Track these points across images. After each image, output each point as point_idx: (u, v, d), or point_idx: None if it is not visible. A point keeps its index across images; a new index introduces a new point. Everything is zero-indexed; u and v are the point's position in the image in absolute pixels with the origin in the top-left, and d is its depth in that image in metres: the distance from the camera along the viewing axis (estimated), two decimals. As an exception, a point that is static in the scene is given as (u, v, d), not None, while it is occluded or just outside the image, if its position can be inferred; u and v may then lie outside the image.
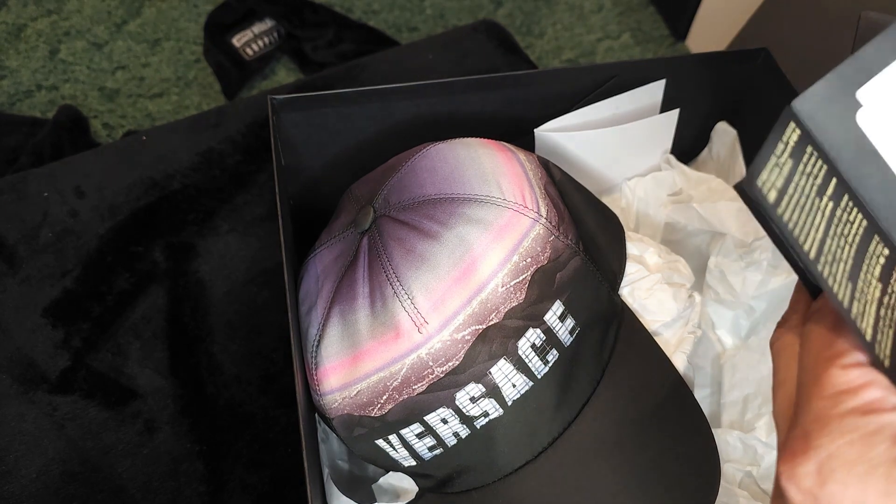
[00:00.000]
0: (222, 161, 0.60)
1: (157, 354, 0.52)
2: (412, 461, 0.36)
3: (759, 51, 0.49)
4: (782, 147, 0.21)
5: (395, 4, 1.21)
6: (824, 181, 0.21)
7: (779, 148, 0.20)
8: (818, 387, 0.21)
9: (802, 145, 0.21)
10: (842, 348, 0.21)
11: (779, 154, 0.20)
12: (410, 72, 0.66)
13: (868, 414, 0.20)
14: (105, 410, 0.49)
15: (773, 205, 0.20)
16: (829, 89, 0.22)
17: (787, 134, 0.21)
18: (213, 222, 0.57)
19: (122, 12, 1.16)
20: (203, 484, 0.47)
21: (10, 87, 1.07)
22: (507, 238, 0.34)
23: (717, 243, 0.47)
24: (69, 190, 0.57)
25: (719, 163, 0.55)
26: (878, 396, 0.20)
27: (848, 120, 0.22)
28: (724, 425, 0.45)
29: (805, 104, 0.21)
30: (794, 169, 0.21)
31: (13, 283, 0.53)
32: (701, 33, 1.19)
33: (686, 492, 0.35)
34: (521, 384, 0.34)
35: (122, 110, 1.07)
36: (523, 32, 1.21)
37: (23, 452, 0.47)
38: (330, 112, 0.45)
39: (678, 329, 0.40)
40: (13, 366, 0.50)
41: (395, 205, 0.36)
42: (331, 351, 0.35)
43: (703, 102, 0.52)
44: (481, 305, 0.33)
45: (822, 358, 0.21)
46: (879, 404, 0.20)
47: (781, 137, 0.21)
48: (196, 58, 1.12)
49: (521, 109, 0.48)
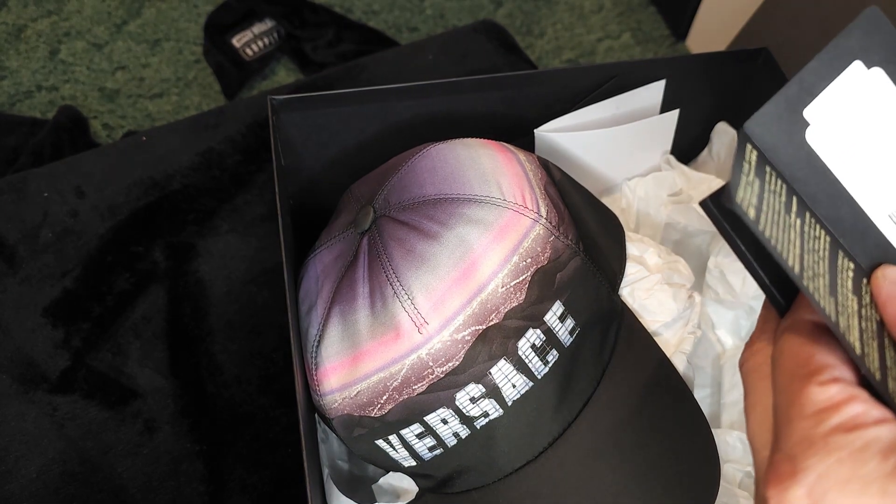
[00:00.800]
0: (222, 161, 0.60)
1: (157, 354, 0.52)
2: (412, 461, 0.36)
3: (759, 51, 0.49)
4: (747, 167, 0.21)
5: (395, 4, 1.21)
6: (787, 199, 0.21)
7: (745, 167, 0.20)
8: (797, 406, 0.20)
9: (762, 165, 0.21)
10: (817, 365, 0.20)
11: (746, 173, 0.20)
12: (410, 72, 0.66)
13: (853, 430, 0.19)
14: (105, 410, 0.49)
15: (754, 221, 0.20)
16: (776, 110, 0.22)
17: (747, 154, 0.21)
18: (213, 222, 0.57)
19: (122, 12, 1.16)
20: (203, 484, 0.47)
21: (10, 87, 1.07)
22: (508, 238, 0.34)
23: (717, 243, 0.47)
24: (69, 190, 0.57)
25: (719, 163, 0.55)
26: (861, 411, 0.19)
27: (797, 139, 0.22)
28: (724, 425, 0.45)
29: (755, 126, 0.22)
30: (762, 187, 0.21)
31: (13, 283, 0.53)
32: (701, 33, 1.19)
33: (686, 492, 0.35)
34: (521, 384, 0.34)
35: (122, 111, 1.07)
36: (523, 32, 1.21)
37: (23, 452, 0.47)
38: (330, 112, 0.45)
39: (678, 329, 0.40)
40: (13, 366, 0.50)
41: (395, 205, 0.36)
42: (331, 351, 0.35)
43: (703, 102, 0.52)
44: (481, 306, 0.33)
45: (798, 376, 0.21)
46: (863, 419, 0.19)
47: (744, 157, 0.21)
48: (196, 58, 1.12)
49: (521, 109, 0.48)
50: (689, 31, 1.21)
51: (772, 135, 0.22)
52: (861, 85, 0.22)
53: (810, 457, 0.19)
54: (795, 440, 0.20)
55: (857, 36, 0.22)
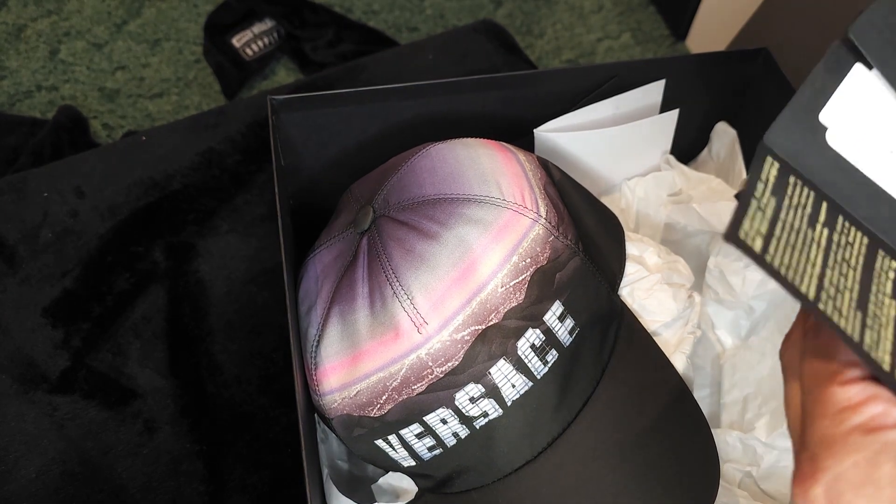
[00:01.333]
0: (222, 161, 0.60)
1: (157, 354, 0.52)
2: (411, 461, 0.36)
3: (759, 51, 0.49)
4: (762, 187, 0.20)
5: (395, 4, 1.21)
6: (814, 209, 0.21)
7: (758, 189, 0.20)
8: (820, 406, 0.20)
9: (784, 178, 0.21)
10: (839, 364, 0.21)
11: (759, 195, 0.20)
12: (410, 72, 0.66)
13: (872, 432, 0.19)
14: (105, 410, 0.49)
15: (759, 254, 0.19)
16: (793, 118, 0.22)
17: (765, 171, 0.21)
18: (213, 222, 0.57)
19: (122, 12, 1.16)
20: (203, 484, 0.47)
21: (10, 87, 1.07)
22: (507, 238, 0.34)
23: (716, 243, 0.47)
24: (69, 190, 0.57)
25: (719, 163, 0.55)
26: (881, 411, 0.19)
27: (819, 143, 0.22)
28: (723, 425, 0.45)
29: (775, 136, 0.22)
30: (778, 206, 0.20)
31: (13, 283, 0.53)
32: (701, 33, 1.19)
33: (686, 492, 0.35)
34: (520, 384, 0.34)
35: (122, 110, 1.07)
36: (523, 32, 1.21)
37: (23, 452, 0.47)
38: (330, 112, 0.45)
39: (678, 329, 0.40)
40: (13, 366, 0.50)
41: (395, 205, 0.36)
42: (330, 351, 0.35)
43: (703, 102, 0.52)
44: (481, 306, 0.33)
45: (821, 376, 0.21)
46: (882, 420, 0.19)
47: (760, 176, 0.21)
48: (196, 58, 1.12)
49: (521, 109, 0.48)
50: (688, 31, 1.21)
51: (794, 142, 0.22)
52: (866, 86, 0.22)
53: (829, 457, 0.20)
54: (817, 439, 0.20)
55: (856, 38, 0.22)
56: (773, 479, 0.42)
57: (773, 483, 0.42)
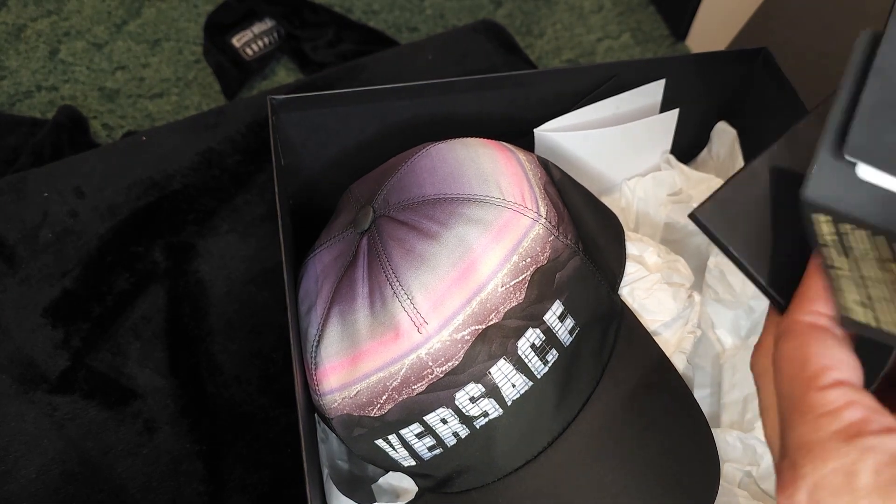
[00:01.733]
0: (222, 161, 0.60)
1: (157, 354, 0.52)
2: (412, 461, 0.36)
3: (759, 51, 0.49)
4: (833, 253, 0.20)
5: (395, 4, 1.21)
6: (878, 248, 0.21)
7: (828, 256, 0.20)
8: (798, 412, 0.20)
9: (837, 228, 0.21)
10: (816, 368, 0.20)
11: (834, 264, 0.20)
12: (410, 72, 0.66)
13: (851, 439, 0.19)
14: (105, 410, 0.49)
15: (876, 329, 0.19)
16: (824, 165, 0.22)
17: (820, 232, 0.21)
18: (213, 222, 0.57)
19: (122, 12, 1.16)
20: (203, 484, 0.47)
21: (10, 87, 1.07)
22: (507, 238, 0.34)
23: (716, 243, 0.47)
24: (69, 190, 0.57)
25: (719, 163, 0.55)
26: (860, 418, 0.19)
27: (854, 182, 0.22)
28: (723, 425, 0.45)
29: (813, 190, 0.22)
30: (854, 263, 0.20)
31: (13, 283, 0.53)
32: (701, 33, 1.19)
33: (686, 492, 0.35)
34: (520, 384, 0.34)
35: (122, 110, 1.07)
36: (523, 32, 1.21)
37: (22, 452, 0.47)
38: (330, 112, 0.45)
39: (678, 329, 0.40)
40: (13, 366, 0.50)
41: (395, 205, 0.36)
42: (330, 351, 0.35)
43: (703, 102, 0.52)
44: (481, 305, 0.33)
45: (798, 381, 0.20)
46: (861, 426, 0.19)
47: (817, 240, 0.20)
48: (196, 58, 1.12)
49: (521, 109, 0.48)
50: (688, 31, 1.21)
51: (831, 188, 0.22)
52: None
53: (808, 464, 0.19)
54: (796, 446, 0.20)
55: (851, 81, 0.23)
56: (772, 478, 0.42)
57: (773, 483, 0.42)
